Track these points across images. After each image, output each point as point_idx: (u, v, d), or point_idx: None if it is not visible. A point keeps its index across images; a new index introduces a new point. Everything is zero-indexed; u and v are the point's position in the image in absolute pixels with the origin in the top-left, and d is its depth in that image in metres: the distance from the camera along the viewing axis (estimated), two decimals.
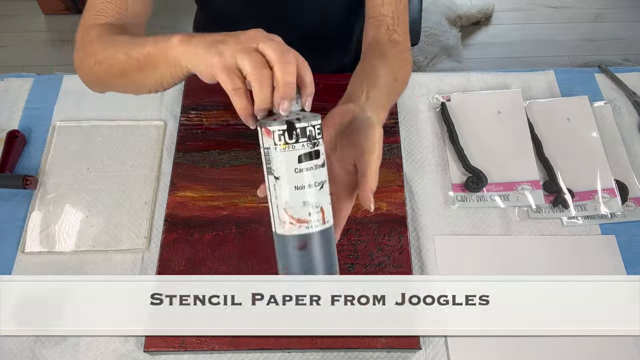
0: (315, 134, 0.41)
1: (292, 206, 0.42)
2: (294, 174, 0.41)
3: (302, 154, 0.41)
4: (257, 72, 0.40)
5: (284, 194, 0.42)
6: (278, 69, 0.40)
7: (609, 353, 0.64)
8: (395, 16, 0.68)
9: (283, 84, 0.40)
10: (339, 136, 0.51)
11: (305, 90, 0.43)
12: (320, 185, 0.42)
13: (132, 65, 0.52)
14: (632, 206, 0.75)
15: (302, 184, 0.41)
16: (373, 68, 0.61)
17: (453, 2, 1.94)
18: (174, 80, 0.50)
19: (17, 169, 0.78)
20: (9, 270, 0.70)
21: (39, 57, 1.94)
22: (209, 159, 0.76)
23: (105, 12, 0.61)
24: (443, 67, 1.75)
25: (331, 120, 0.50)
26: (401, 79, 0.66)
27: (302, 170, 0.41)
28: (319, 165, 0.42)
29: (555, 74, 0.88)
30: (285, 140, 0.41)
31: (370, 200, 0.47)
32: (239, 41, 0.42)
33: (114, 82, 0.58)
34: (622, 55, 1.90)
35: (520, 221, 0.74)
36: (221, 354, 0.64)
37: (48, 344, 0.65)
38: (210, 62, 0.42)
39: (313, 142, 0.41)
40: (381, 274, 0.67)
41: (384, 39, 0.67)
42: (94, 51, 0.57)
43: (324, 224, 0.43)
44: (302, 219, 0.42)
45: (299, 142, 0.41)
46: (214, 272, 0.67)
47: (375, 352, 0.64)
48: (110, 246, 0.72)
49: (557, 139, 0.80)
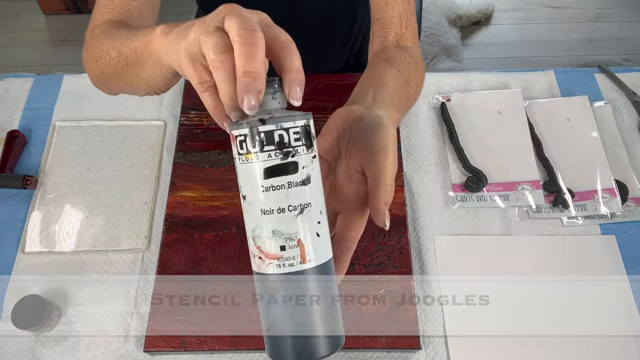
0: (289, 139, 0.31)
1: (258, 236, 0.33)
2: (258, 193, 0.32)
3: (269, 167, 0.31)
4: (215, 58, 0.32)
5: (250, 219, 0.33)
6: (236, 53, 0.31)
7: (609, 353, 0.64)
8: (402, 19, 0.62)
9: (241, 73, 0.31)
10: (342, 142, 0.41)
11: (286, 76, 0.33)
12: (299, 210, 0.32)
13: (123, 64, 0.47)
14: (632, 206, 0.75)
15: (269, 207, 0.32)
16: (380, 72, 0.53)
17: (453, 2, 1.95)
18: (164, 80, 0.44)
19: (17, 169, 0.78)
20: (9, 270, 0.70)
21: (39, 57, 1.94)
22: (209, 159, 0.76)
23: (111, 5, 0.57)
24: (443, 67, 1.75)
25: (332, 124, 0.42)
26: (414, 82, 0.57)
27: (268, 188, 0.32)
28: (297, 182, 0.32)
29: (555, 74, 0.88)
30: (247, 149, 0.32)
31: (384, 214, 0.37)
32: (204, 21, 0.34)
33: (112, 82, 0.54)
34: (622, 55, 1.90)
35: (520, 221, 0.74)
36: (221, 354, 0.64)
37: (48, 344, 0.65)
38: (177, 52, 0.35)
39: (285, 151, 0.31)
40: (381, 274, 0.67)
41: (392, 45, 0.61)
42: (93, 48, 0.54)
43: (303, 262, 0.32)
44: (271, 253, 0.32)
45: (263, 150, 0.31)
46: (214, 272, 0.67)
47: (375, 352, 0.64)
48: (110, 246, 0.72)
49: (557, 139, 0.80)
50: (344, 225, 0.40)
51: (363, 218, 0.41)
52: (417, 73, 0.59)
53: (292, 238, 0.32)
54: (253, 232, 0.33)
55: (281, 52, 0.33)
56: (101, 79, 0.56)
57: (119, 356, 0.64)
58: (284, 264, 0.32)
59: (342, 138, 0.41)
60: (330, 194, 0.41)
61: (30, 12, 2.05)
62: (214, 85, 0.33)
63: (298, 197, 0.32)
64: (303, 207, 0.32)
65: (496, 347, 0.65)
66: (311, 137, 0.33)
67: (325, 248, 0.34)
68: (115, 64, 0.49)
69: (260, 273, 0.33)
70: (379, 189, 0.37)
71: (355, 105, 0.43)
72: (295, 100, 0.33)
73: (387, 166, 0.37)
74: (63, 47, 1.97)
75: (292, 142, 0.31)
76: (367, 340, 0.63)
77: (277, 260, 0.32)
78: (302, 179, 0.32)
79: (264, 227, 0.32)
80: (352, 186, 0.41)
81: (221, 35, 0.32)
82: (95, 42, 0.54)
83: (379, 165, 0.37)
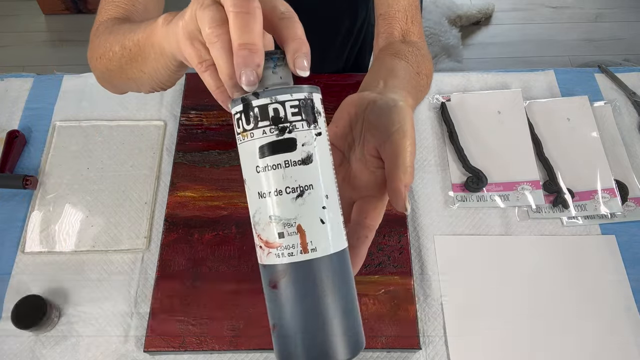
0: (286, 114, 0.28)
1: (257, 222, 0.30)
2: (255, 174, 0.29)
3: (263, 144, 0.29)
4: (211, 32, 0.30)
5: (251, 204, 0.30)
6: (231, 24, 0.29)
7: (609, 353, 0.64)
8: (408, 13, 0.59)
9: (237, 46, 0.29)
10: (355, 129, 0.39)
11: (289, 47, 0.30)
12: (298, 192, 0.29)
13: (126, 58, 0.46)
14: (632, 206, 0.75)
15: (265, 190, 0.29)
16: (389, 64, 0.50)
17: (453, 2, 1.95)
18: (168, 73, 0.42)
19: (17, 169, 0.78)
20: (9, 270, 0.70)
21: (39, 57, 1.94)
22: (209, 159, 0.76)
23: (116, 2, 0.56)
24: (443, 67, 1.75)
25: (344, 110, 0.39)
26: (424, 73, 0.55)
27: (264, 168, 0.29)
28: (296, 161, 0.29)
29: (555, 74, 0.88)
30: (243, 127, 0.29)
31: (404, 197, 0.34)
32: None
33: (117, 78, 0.52)
34: (622, 55, 1.90)
35: (520, 221, 0.74)
36: (221, 354, 0.64)
37: (48, 344, 0.65)
38: (177, 34, 0.33)
39: (281, 126, 0.28)
40: (381, 274, 0.67)
41: (398, 41, 0.59)
42: (97, 45, 0.53)
43: (304, 252, 0.29)
44: (270, 241, 0.29)
45: (258, 127, 0.28)
46: (214, 272, 0.67)
47: (375, 352, 0.64)
48: (110, 246, 0.72)
49: (557, 139, 0.80)
50: (361, 212, 0.37)
51: (382, 204, 0.38)
52: (426, 65, 0.56)
53: (290, 224, 0.29)
54: (253, 218, 0.30)
55: (280, 23, 0.31)
56: (106, 76, 0.55)
57: (119, 356, 0.64)
58: (282, 254, 0.29)
59: (355, 124, 0.39)
60: (345, 182, 0.39)
61: (30, 12, 2.05)
62: (214, 64, 0.31)
63: (297, 178, 0.29)
64: (303, 190, 0.29)
65: (496, 347, 0.65)
66: (314, 112, 0.30)
67: (335, 238, 0.30)
68: (118, 58, 0.48)
69: (261, 264, 0.31)
70: (398, 171, 0.34)
71: (367, 92, 0.40)
72: (302, 70, 0.30)
73: (405, 147, 0.35)
74: (63, 47, 1.97)
75: (289, 116, 0.28)
76: (367, 340, 0.62)
77: (275, 249, 0.29)
78: (302, 158, 0.29)
79: (262, 211, 0.29)
80: (367, 172, 0.38)
81: (217, 9, 0.30)
82: (99, 39, 0.53)
83: (396, 147, 0.35)
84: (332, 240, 0.30)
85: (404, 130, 0.35)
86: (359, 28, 0.92)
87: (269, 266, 0.30)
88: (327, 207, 0.30)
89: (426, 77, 0.56)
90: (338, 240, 0.30)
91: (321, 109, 0.31)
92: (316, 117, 0.30)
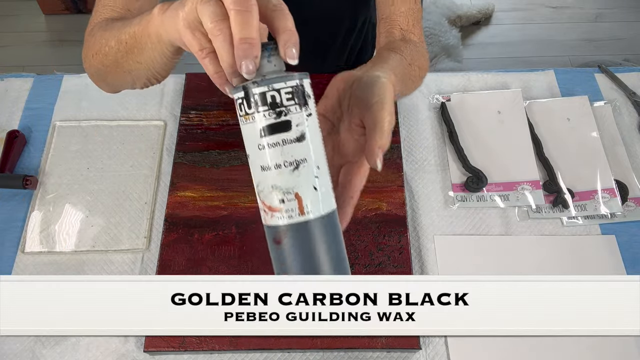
0: (281, 99, 0.34)
1: (261, 190, 0.36)
2: (257, 151, 0.35)
3: (264, 126, 0.34)
4: (214, 26, 0.34)
5: (254, 176, 0.36)
6: (232, 20, 0.33)
7: (609, 353, 0.64)
8: (409, 17, 0.62)
9: (237, 40, 0.33)
10: (343, 102, 0.44)
11: (280, 38, 0.35)
12: (294, 166, 0.35)
13: (122, 51, 0.48)
14: (632, 206, 0.75)
15: (267, 164, 0.35)
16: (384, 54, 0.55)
17: (453, 2, 1.95)
18: (164, 60, 0.45)
19: (17, 169, 0.78)
20: (9, 270, 0.70)
21: (39, 57, 1.94)
22: (209, 159, 0.76)
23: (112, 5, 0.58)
24: (443, 67, 1.75)
25: (334, 86, 0.44)
26: (417, 65, 0.59)
27: (264, 146, 0.34)
28: (291, 139, 0.34)
29: (555, 74, 0.88)
30: (245, 111, 0.34)
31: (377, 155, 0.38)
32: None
33: (112, 74, 0.54)
34: (622, 55, 1.90)
35: (520, 221, 0.74)
36: (221, 354, 0.65)
37: (48, 344, 0.65)
38: (176, 23, 0.37)
39: (278, 110, 0.34)
40: (381, 274, 0.67)
41: (397, 38, 0.62)
42: (92, 43, 0.54)
43: (302, 214, 0.35)
44: (273, 207, 0.35)
45: (258, 111, 0.34)
46: (214, 272, 0.67)
47: (375, 352, 0.64)
48: (110, 246, 0.72)
49: (557, 139, 0.80)
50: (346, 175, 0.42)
51: (365, 168, 0.42)
52: (420, 59, 0.60)
53: (289, 192, 0.35)
54: (257, 187, 0.36)
55: (272, 15, 0.35)
56: (100, 73, 0.57)
57: (119, 356, 0.64)
58: (283, 216, 0.35)
59: (344, 98, 0.43)
60: (334, 151, 0.43)
61: (30, 12, 2.05)
62: (213, 51, 0.35)
63: (293, 154, 0.34)
64: (298, 163, 0.35)
65: (496, 347, 0.65)
66: (305, 96, 0.35)
67: (325, 201, 0.36)
68: (114, 53, 0.50)
69: (267, 225, 0.37)
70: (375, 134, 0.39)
71: (356, 70, 0.45)
72: (291, 59, 0.34)
73: (383, 116, 0.39)
74: (63, 47, 1.97)
75: (285, 101, 0.34)
76: (367, 340, 0.63)
77: (278, 212, 0.35)
78: (297, 136, 0.34)
79: (265, 182, 0.35)
80: (353, 140, 0.43)
81: (217, 3, 0.34)
82: (94, 38, 0.54)
83: (375, 115, 0.39)
84: (323, 204, 0.36)
85: (383, 102, 0.40)
86: (360, 28, 0.92)
87: (273, 227, 0.36)
88: (319, 177, 0.36)
89: (419, 69, 0.60)
90: (328, 203, 0.36)
91: (311, 93, 0.36)
92: (307, 100, 0.35)
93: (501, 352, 0.64)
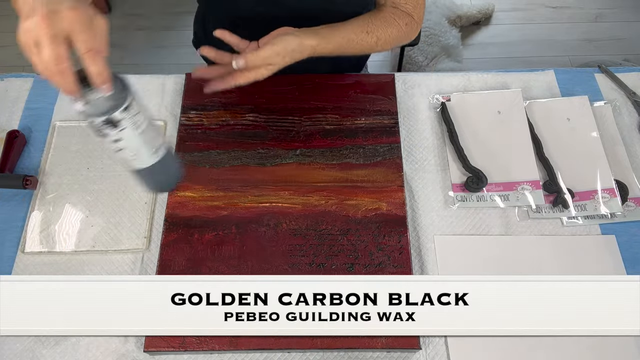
0: (100, 126, 0.48)
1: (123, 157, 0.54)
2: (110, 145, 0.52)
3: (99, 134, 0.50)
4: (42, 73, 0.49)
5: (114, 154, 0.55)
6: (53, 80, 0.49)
7: (609, 353, 0.64)
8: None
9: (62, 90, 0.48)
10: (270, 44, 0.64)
11: (92, 80, 0.46)
12: (120, 149, 0.51)
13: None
14: (632, 206, 0.75)
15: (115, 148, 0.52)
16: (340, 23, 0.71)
17: (453, 2, 1.95)
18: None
19: (17, 169, 0.78)
20: (9, 270, 0.70)
21: None
22: (209, 159, 0.76)
23: None
24: (443, 67, 1.75)
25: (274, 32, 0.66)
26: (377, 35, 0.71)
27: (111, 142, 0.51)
28: (112, 141, 0.50)
29: (555, 74, 0.88)
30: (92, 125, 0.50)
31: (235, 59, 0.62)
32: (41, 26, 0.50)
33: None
34: (622, 55, 1.90)
35: (520, 221, 0.74)
36: (221, 354, 0.65)
37: (48, 344, 0.65)
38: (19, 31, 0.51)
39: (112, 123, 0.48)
40: (381, 274, 0.67)
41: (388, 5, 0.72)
42: None
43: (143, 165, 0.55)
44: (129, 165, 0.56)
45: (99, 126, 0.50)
46: (214, 272, 0.67)
47: (375, 352, 0.64)
48: (110, 246, 0.72)
49: (557, 139, 0.80)
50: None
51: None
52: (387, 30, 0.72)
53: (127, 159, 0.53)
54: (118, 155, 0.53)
55: (85, 62, 0.46)
56: None
57: (119, 356, 0.64)
58: (137, 165, 0.54)
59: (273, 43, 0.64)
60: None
61: None
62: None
63: (118, 146, 0.51)
64: (120, 149, 0.51)
65: (496, 347, 0.65)
66: (114, 122, 0.48)
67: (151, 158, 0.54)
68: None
69: (133, 169, 0.55)
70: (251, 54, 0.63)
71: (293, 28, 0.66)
72: (105, 91, 0.46)
73: (265, 50, 0.63)
74: None
75: (102, 125, 0.48)
76: (367, 340, 0.63)
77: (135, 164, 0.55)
78: (115, 139, 0.50)
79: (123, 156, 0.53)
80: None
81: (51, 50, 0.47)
82: None
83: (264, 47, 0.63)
84: (151, 160, 0.54)
85: (277, 46, 0.63)
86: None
87: (135, 169, 0.55)
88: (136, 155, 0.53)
89: (377, 40, 0.72)
90: (152, 159, 0.54)
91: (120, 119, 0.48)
92: (117, 123, 0.48)
93: (501, 352, 0.64)
